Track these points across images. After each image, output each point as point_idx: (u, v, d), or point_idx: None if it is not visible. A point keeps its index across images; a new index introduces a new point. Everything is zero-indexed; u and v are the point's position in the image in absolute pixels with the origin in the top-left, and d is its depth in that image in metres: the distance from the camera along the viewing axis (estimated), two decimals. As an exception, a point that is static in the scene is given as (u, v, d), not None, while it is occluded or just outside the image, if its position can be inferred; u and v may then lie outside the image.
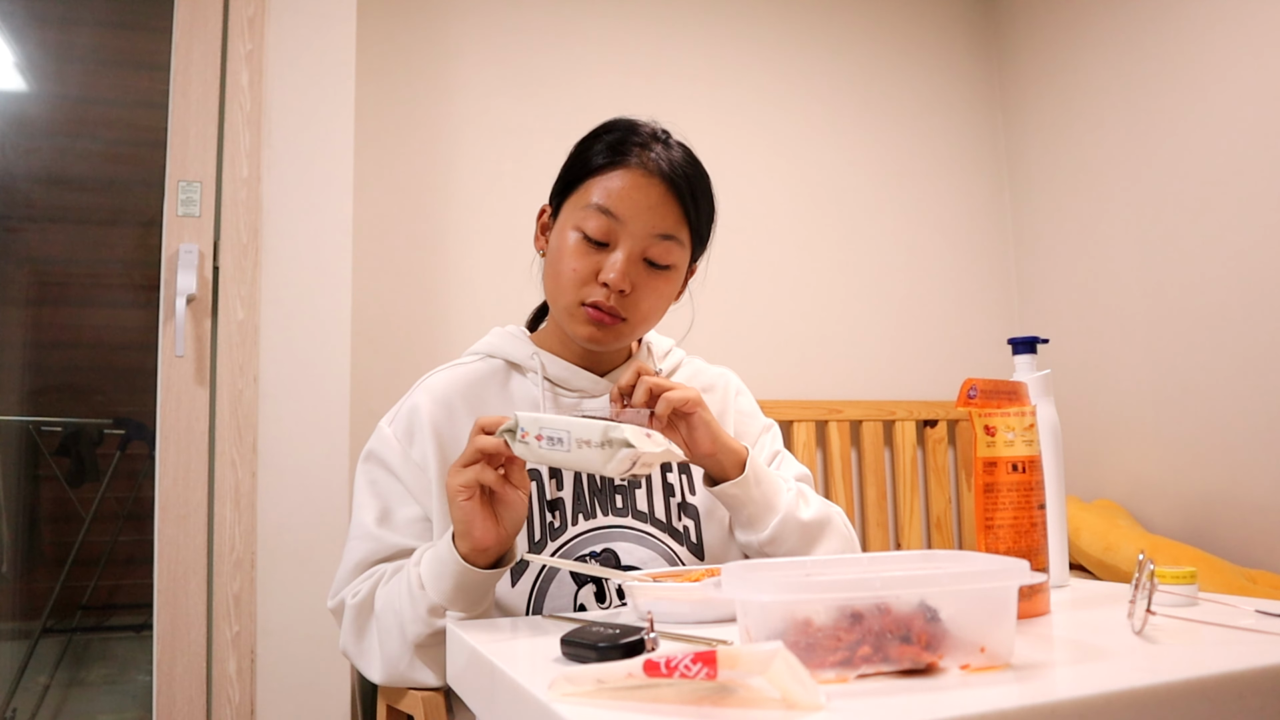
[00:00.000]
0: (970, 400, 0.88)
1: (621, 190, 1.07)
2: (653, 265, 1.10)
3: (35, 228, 2.52)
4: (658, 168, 1.08)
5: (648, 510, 1.13)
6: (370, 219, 2.28)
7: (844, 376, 2.72)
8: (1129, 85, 2.61)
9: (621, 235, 1.08)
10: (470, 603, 0.95)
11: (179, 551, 1.81)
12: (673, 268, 1.11)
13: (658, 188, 1.08)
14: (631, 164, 1.08)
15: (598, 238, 1.08)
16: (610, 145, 1.11)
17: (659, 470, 1.15)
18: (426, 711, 0.98)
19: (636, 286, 1.09)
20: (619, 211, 1.07)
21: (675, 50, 2.68)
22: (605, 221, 1.07)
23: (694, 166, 1.13)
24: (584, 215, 1.08)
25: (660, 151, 1.10)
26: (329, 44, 2.02)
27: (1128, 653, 0.66)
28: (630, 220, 1.07)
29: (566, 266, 1.09)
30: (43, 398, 2.51)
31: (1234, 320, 2.32)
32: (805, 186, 2.78)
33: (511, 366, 1.18)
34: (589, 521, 1.11)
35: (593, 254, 1.08)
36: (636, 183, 1.08)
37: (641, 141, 1.11)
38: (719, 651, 0.54)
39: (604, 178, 1.09)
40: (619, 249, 1.08)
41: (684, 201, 1.09)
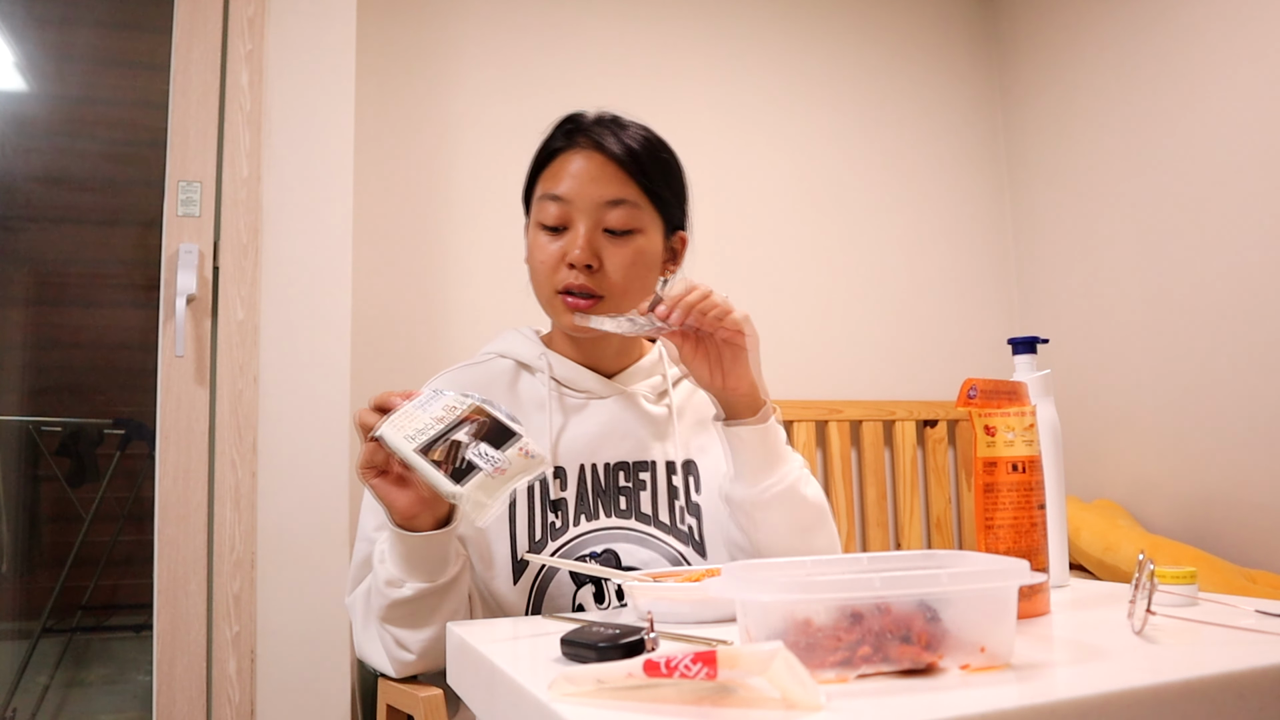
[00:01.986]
0: (970, 400, 0.88)
1: (564, 172, 1.11)
2: (615, 233, 1.11)
3: (35, 228, 2.52)
4: (593, 142, 1.11)
5: (651, 512, 1.13)
6: (370, 219, 2.28)
7: (844, 376, 2.72)
8: (1129, 85, 2.61)
9: (574, 214, 1.10)
10: (426, 570, 0.96)
11: (179, 551, 1.81)
12: (638, 232, 1.12)
13: (597, 159, 1.10)
14: (572, 147, 1.12)
15: (555, 224, 1.11)
16: (550, 139, 1.15)
17: (663, 473, 1.15)
18: (426, 711, 0.98)
19: (604, 258, 1.10)
20: (565, 193, 1.10)
21: (675, 50, 2.68)
22: (557, 207, 1.10)
23: (642, 135, 1.14)
24: (539, 210, 1.12)
25: (596, 130, 1.12)
26: (329, 44, 2.02)
27: (1128, 653, 0.66)
28: (578, 197, 1.10)
29: (536, 260, 1.13)
30: (43, 398, 2.51)
31: (1234, 320, 2.32)
32: (805, 186, 2.78)
33: (521, 366, 1.19)
34: (591, 522, 1.11)
35: (555, 240, 1.11)
36: (577, 162, 1.11)
37: (577, 126, 1.13)
38: (719, 651, 0.54)
39: (549, 170, 1.13)
40: (576, 228, 1.10)
41: (626, 166, 1.11)
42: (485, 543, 1.09)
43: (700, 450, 1.19)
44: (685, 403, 1.22)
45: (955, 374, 2.83)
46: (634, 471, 1.15)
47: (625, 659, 0.59)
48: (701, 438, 1.20)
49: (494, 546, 1.09)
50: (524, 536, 1.09)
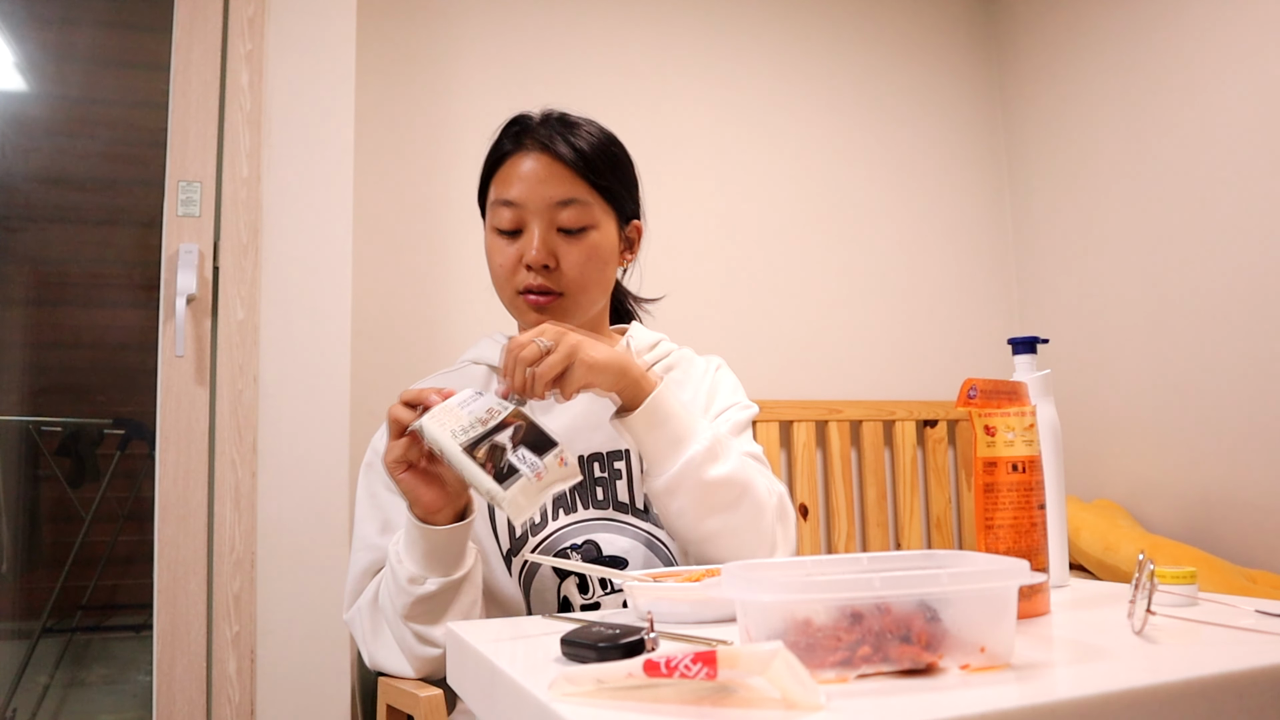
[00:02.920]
0: (970, 400, 0.88)
1: (514, 176, 1.12)
2: (568, 232, 1.12)
3: (35, 228, 2.52)
4: (538, 144, 1.12)
5: (629, 500, 1.15)
6: (370, 219, 2.28)
7: (844, 376, 2.72)
8: (1129, 85, 2.61)
9: (527, 216, 1.12)
10: (445, 564, 0.98)
11: (179, 551, 1.81)
12: (591, 228, 1.13)
13: (543, 160, 1.12)
14: (519, 150, 1.13)
15: (508, 227, 1.13)
16: (497, 143, 1.17)
17: (637, 460, 1.16)
18: (426, 711, 0.98)
19: (560, 257, 1.12)
20: (517, 197, 1.12)
21: (675, 50, 2.68)
22: (510, 211, 1.12)
23: (589, 132, 1.15)
24: (492, 214, 1.15)
25: (543, 131, 1.14)
26: (329, 44, 2.02)
27: (1128, 653, 0.66)
28: (528, 200, 1.11)
29: (494, 264, 1.15)
30: (43, 398, 2.51)
31: (1233, 320, 2.32)
32: (805, 186, 2.78)
33: (494, 370, 1.21)
34: (569, 515, 1.12)
35: (511, 244, 1.13)
36: (523, 165, 1.12)
37: (521, 128, 1.15)
38: (719, 651, 0.54)
39: (500, 174, 1.15)
40: (529, 230, 1.12)
41: (574, 165, 1.12)
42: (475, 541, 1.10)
43: None
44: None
45: (955, 374, 2.83)
46: (608, 461, 1.15)
47: (625, 659, 0.59)
48: None
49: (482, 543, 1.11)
50: (505, 534, 1.11)
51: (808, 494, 2.53)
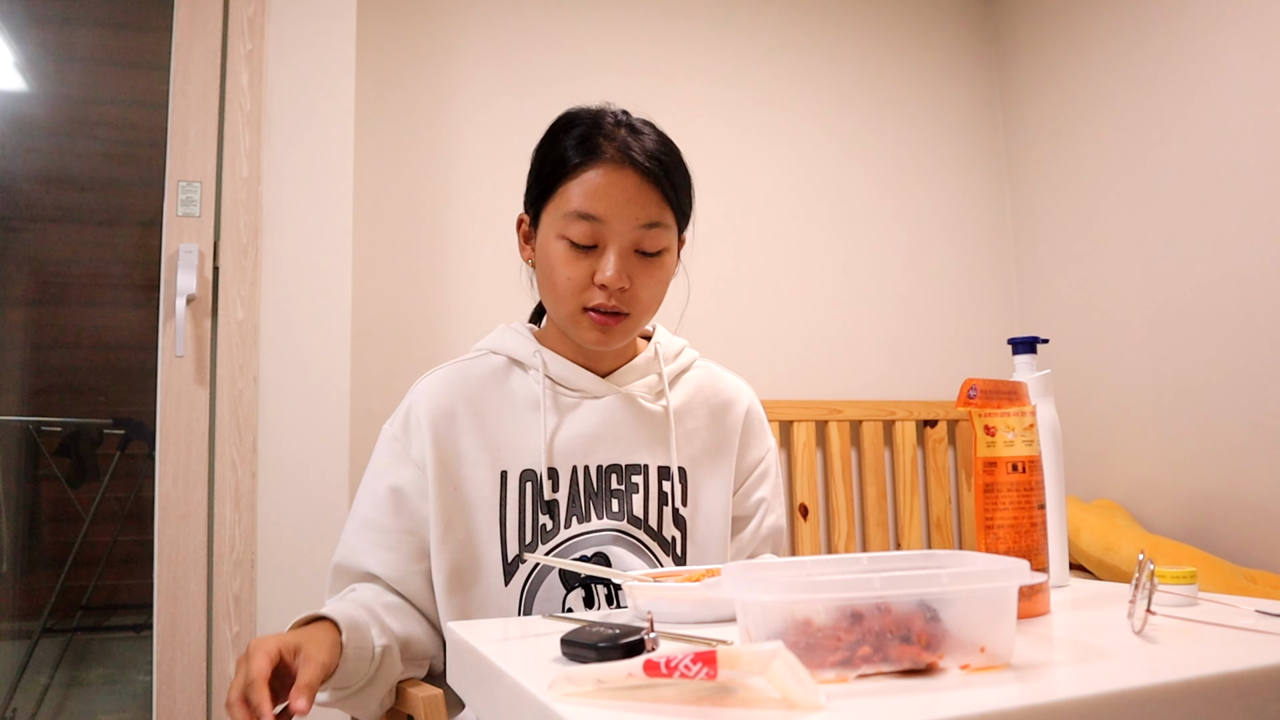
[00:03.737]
0: (970, 400, 0.88)
1: (598, 189, 1.05)
2: (644, 254, 1.08)
3: (35, 228, 2.52)
4: (627, 157, 1.06)
5: (642, 515, 1.12)
6: (370, 219, 2.28)
7: (844, 376, 2.72)
8: (1129, 85, 2.61)
9: (607, 234, 1.06)
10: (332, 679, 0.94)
11: (179, 551, 1.81)
12: (664, 251, 1.10)
13: (632, 177, 1.06)
14: (602, 158, 1.06)
15: (585, 242, 1.06)
16: (575, 143, 1.08)
17: (655, 477, 1.14)
18: (426, 711, 0.98)
19: (634, 279, 1.07)
20: (599, 212, 1.05)
21: (675, 50, 2.68)
22: (589, 225, 1.05)
23: (663, 144, 1.10)
24: (566, 223, 1.06)
25: (627, 138, 1.07)
26: (329, 44, 2.02)
27: (1128, 653, 0.66)
28: (613, 218, 1.05)
29: (560, 276, 1.07)
30: (43, 398, 2.51)
31: (1234, 320, 2.32)
32: (805, 186, 2.78)
33: (514, 363, 1.17)
34: (582, 525, 1.10)
35: (583, 259, 1.06)
36: (611, 178, 1.05)
37: (605, 132, 1.08)
38: (719, 651, 0.54)
39: (578, 179, 1.06)
40: (608, 249, 1.06)
41: (661, 184, 1.07)
42: (472, 546, 1.08)
43: (695, 462, 1.17)
44: (685, 405, 1.19)
45: (955, 374, 2.83)
46: (626, 474, 1.13)
47: (625, 659, 0.59)
48: (696, 447, 1.18)
49: (483, 549, 1.08)
50: (514, 538, 1.08)
51: (808, 494, 2.53)
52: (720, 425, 1.20)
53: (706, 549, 1.15)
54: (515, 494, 1.09)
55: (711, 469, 1.18)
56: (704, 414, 1.19)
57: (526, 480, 1.09)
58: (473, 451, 1.10)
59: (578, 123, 1.10)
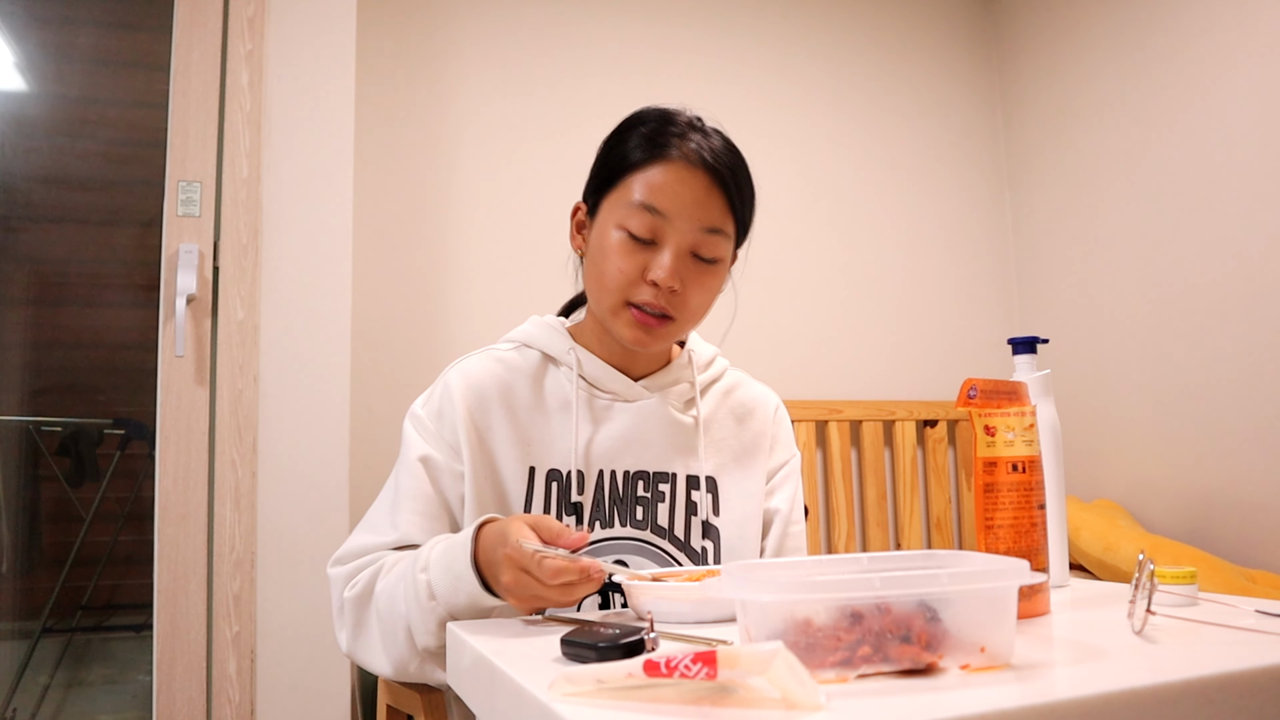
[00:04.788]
0: (970, 400, 0.88)
1: (665, 184, 1.03)
2: (700, 259, 1.05)
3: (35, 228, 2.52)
4: (700, 158, 1.03)
5: (667, 525, 1.10)
6: (370, 219, 2.28)
7: (844, 376, 2.72)
8: (1129, 85, 2.61)
9: (668, 231, 1.03)
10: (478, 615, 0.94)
11: (179, 551, 1.81)
12: (720, 261, 1.07)
13: (702, 179, 1.03)
14: (673, 156, 1.03)
15: (643, 235, 1.03)
16: (648, 137, 1.05)
17: (683, 487, 1.12)
18: (426, 711, 0.98)
19: (685, 283, 1.04)
20: (664, 207, 1.02)
21: (675, 50, 2.68)
22: (650, 219, 1.03)
23: (734, 154, 1.08)
24: (627, 213, 1.04)
25: (700, 140, 1.05)
26: (329, 44, 2.02)
27: (1128, 653, 0.66)
28: (676, 216, 1.03)
29: (612, 266, 1.04)
30: (43, 398, 2.51)
31: (1234, 320, 2.32)
32: (805, 186, 2.78)
33: (547, 359, 1.14)
34: (605, 530, 1.08)
35: (639, 252, 1.04)
36: (680, 176, 1.03)
37: (679, 131, 1.05)
38: (719, 651, 0.54)
39: (645, 172, 1.04)
40: (666, 246, 1.03)
41: (729, 191, 1.05)
42: None
43: (723, 469, 1.15)
44: (713, 415, 1.17)
45: (955, 374, 2.83)
46: (653, 482, 1.11)
47: (625, 659, 0.59)
48: (725, 455, 1.16)
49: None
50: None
51: (808, 494, 2.53)
52: (748, 432, 1.19)
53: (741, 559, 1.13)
54: (541, 492, 1.08)
55: (742, 477, 1.16)
56: (731, 423, 1.18)
57: (553, 480, 1.08)
58: (504, 444, 1.08)
59: (650, 118, 1.08)
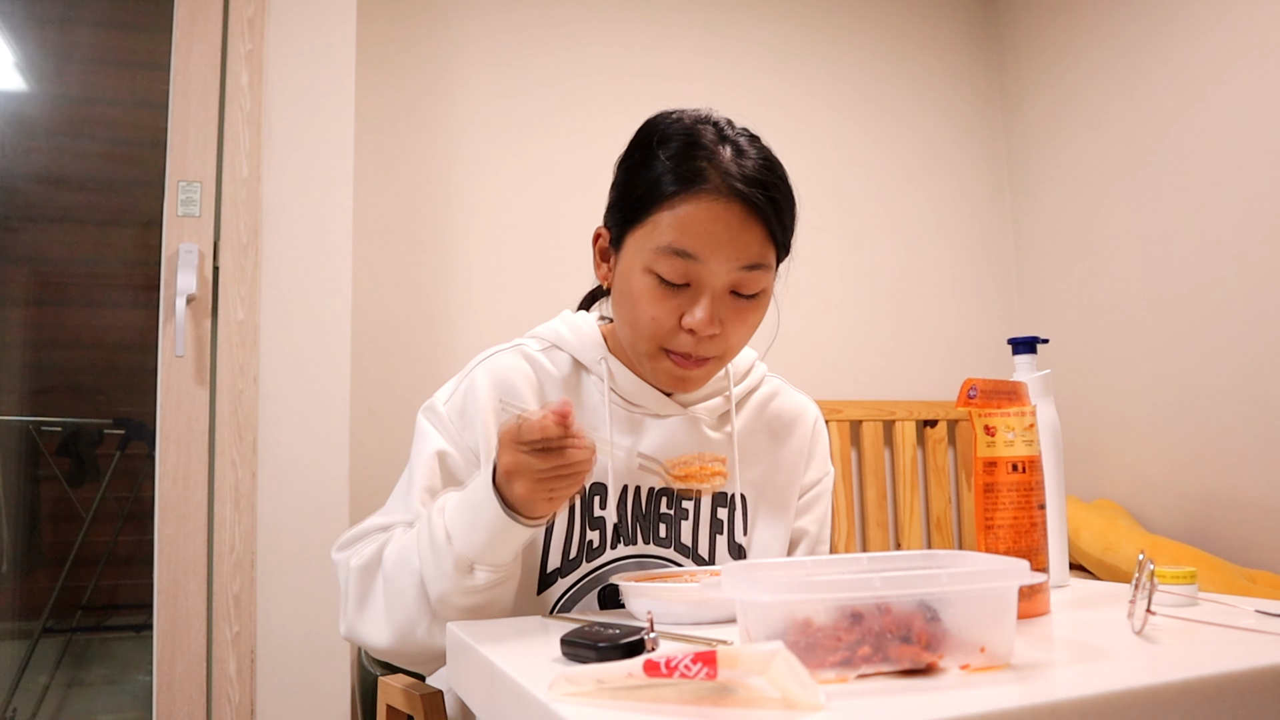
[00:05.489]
0: (970, 400, 0.88)
1: (696, 224, 0.93)
2: (740, 296, 0.97)
3: (35, 228, 2.52)
4: (733, 187, 0.93)
5: (691, 544, 1.06)
6: (370, 219, 2.28)
7: (844, 376, 2.72)
8: (1129, 86, 2.61)
9: (703, 274, 0.94)
10: (501, 556, 0.88)
11: (179, 551, 1.81)
12: (762, 293, 0.99)
13: (737, 212, 0.93)
14: (704, 189, 0.93)
15: (676, 280, 0.95)
16: (674, 163, 0.95)
17: (709, 504, 1.08)
18: (426, 711, 0.98)
19: (725, 322, 0.97)
20: (696, 249, 0.93)
21: (675, 50, 2.68)
22: (682, 264, 0.94)
23: (771, 169, 0.98)
24: (656, 256, 0.94)
25: (732, 162, 0.95)
26: (329, 44, 2.02)
27: (1128, 653, 0.66)
28: (711, 257, 0.93)
29: (644, 315, 0.97)
30: (43, 398, 2.51)
31: (1234, 320, 2.32)
32: (805, 186, 2.75)
33: (578, 365, 1.08)
34: (628, 547, 1.04)
35: (672, 298, 0.95)
36: (713, 212, 0.93)
37: (708, 153, 0.95)
38: (719, 651, 0.54)
39: (673, 209, 0.94)
40: (702, 290, 0.95)
41: (768, 221, 0.95)
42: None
43: (755, 487, 1.10)
44: (747, 429, 1.12)
45: (955, 374, 2.83)
46: (677, 499, 1.06)
47: (625, 659, 0.59)
48: (757, 471, 1.11)
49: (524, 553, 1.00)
50: (558, 552, 1.02)
51: (808, 494, 2.53)
52: (783, 448, 1.14)
53: None
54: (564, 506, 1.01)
55: (774, 495, 1.12)
56: (766, 437, 1.13)
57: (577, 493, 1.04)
58: None
59: (673, 135, 0.97)
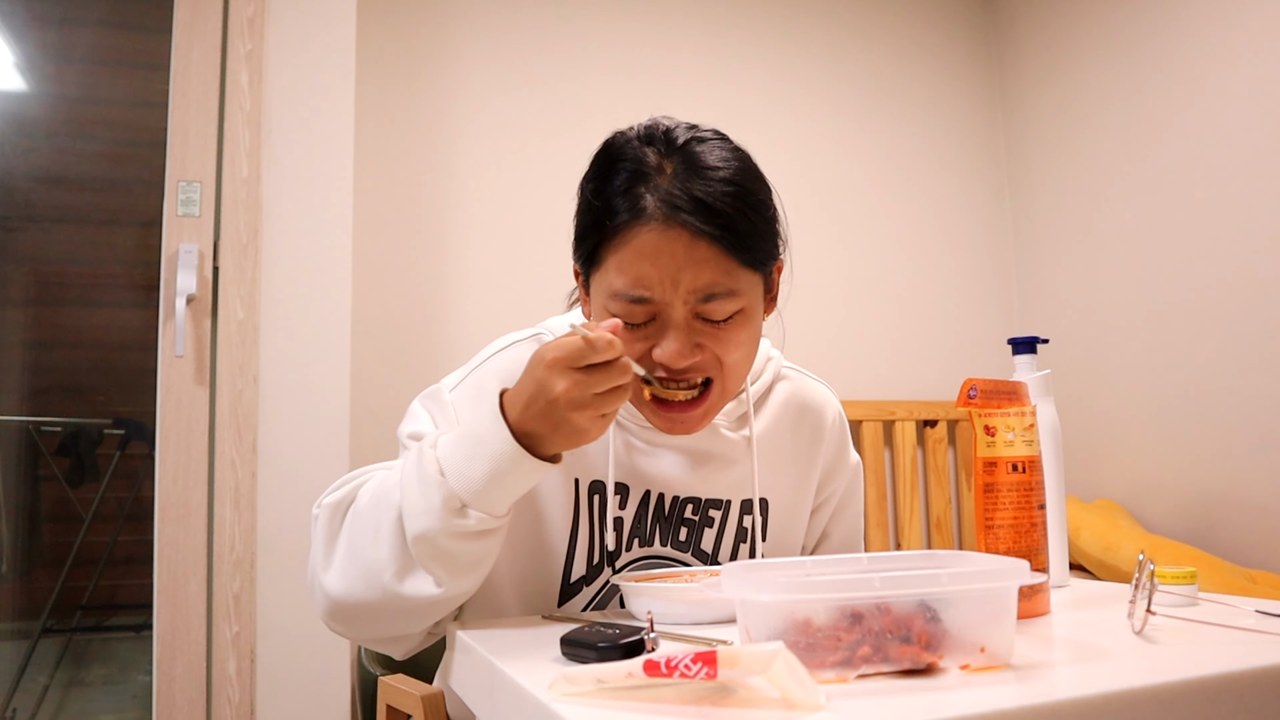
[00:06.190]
0: (970, 400, 0.88)
1: (642, 261, 0.87)
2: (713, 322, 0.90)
3: (35, 228, 2.52)
4: (674, 213, 0.86)
5: (712, 550, 1.03)
6: (370, 219, 2.28)
7: (844, 376, 2.72)
8: (1129, 85, 2.61)
9: (661, 310, 0.89)
10: (499, 502, 0.81)
11: (179, 551, 1.81)
12: (739, 312, 0.91)
13: (682, 239, 0.86)
14: (644, 218, 0.87)
15: (638, 320, 0.90)
16: (614, 198, 0.89)
17: (735, 513, 1.04)
18: (426, 711, 0.98)
19: (705, 346, 0.91)
20: (647, 290, 0.87)
21: (675, 50, 2.68)
22: (638, 306, 0.88)
23: (727, 180, 0.90)
24: (611, 301, 0.90)
25: (674, 184, 0.87)
26: (329, 44, 2.02)
27: (1128, 653, 0.66)
28: (663, 292, 0.88)
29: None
30: (43, 398, 2.51)
31: (1234, 320, 2.32)
32: (805, 186, 2.78)
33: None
34: (644, 549, 1.01)
35: (639, 334, 0.90)
36: (655, 244, 0.86)
37: (648, 180, 0.88)
38: (719, 651, 0.54)
39: (618, 250, 0.88)
40: (666, 326, 0.89)
41: (721, 242, 0.87)
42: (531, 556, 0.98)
43: (774, 489, 1.07)
44: (765, 430, 1.07)
45: (955, 374, 2.83)
46: (704, 507, 1.03)
47: (625, 659, 0.59)
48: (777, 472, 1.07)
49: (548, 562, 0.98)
50: (583, 559, 0.99)
51: (808, 494, 2.53)
52: (802, 446, 1.10)
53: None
54: (586, 508, 0.99)
55: (792, 495, 1.09)
56: (787, 436, 1.09)
57: (594, 493, 1.00)
58: None
59: (619, 162, 0.91)
